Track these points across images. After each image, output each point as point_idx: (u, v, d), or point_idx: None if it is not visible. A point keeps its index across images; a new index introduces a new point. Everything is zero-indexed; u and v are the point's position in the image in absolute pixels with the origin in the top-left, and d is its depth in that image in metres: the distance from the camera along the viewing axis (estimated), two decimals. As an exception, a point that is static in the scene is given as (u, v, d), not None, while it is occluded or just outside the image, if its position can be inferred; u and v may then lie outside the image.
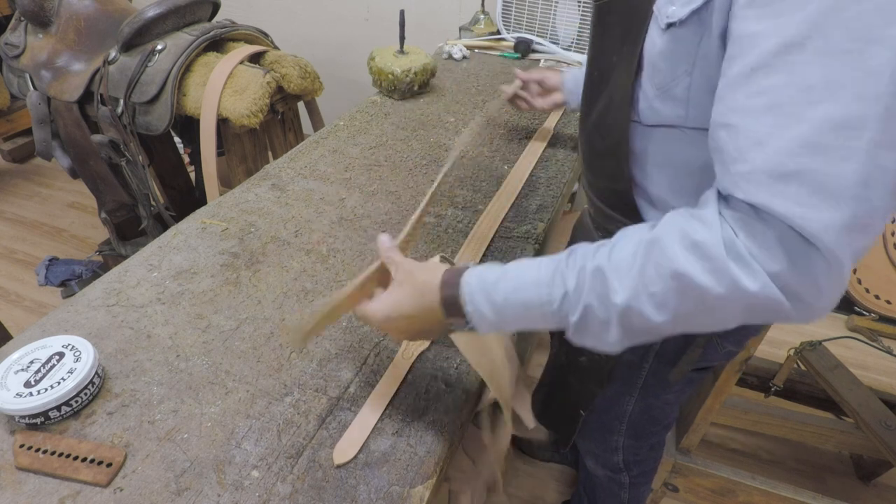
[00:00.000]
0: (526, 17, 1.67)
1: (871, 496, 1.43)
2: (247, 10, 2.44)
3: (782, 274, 0.39)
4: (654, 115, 0.55)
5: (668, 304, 0.42)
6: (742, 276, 0.39)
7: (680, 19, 0.47)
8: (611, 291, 0.44)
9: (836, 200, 0.36)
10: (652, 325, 0.44)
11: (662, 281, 0.42)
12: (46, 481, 0.56)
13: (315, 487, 0.56)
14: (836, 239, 0.37)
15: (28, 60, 1.46)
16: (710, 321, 0.44)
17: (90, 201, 2.26)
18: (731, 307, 0.41)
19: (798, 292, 0.39)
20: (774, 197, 0.38)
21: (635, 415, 0.83)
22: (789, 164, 0.37)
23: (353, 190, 1.03)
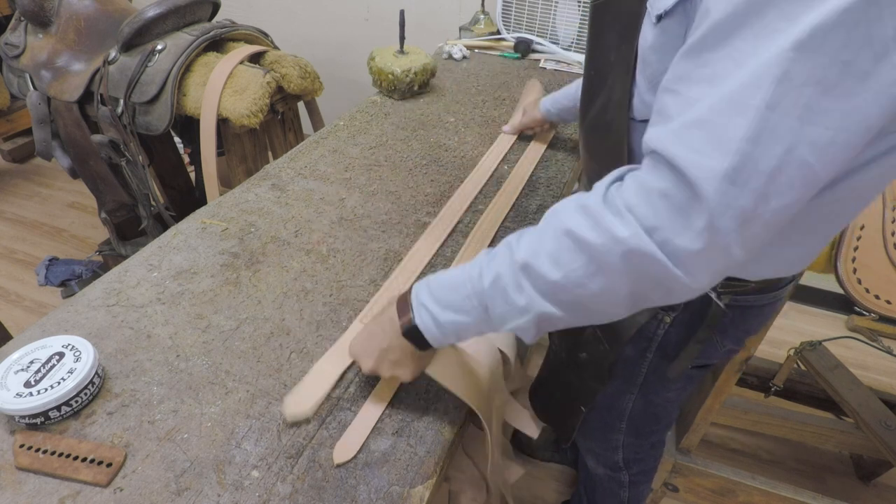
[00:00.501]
0: (526, 17, 1.67)
1: (871, 496, 1.43)
2: (247, 10, 2.44)
3: (660, 228, 0.41)
4: (646, 109, 0.55)
5: (561, 260, 0.46)
6: (615, 224, 0.42)
7: (666, 9, 0.48)
8: (514, 253, 0.49)
9: (723, 150, 0.38)
10: (550, 285, 0.47)
11: (556, 239, 0.46)
12: (46, 481, 0.56)
13: (315, 487, 0.56)
14: (716, 188, 0.38)
15: (28, 60, 1.46)
16: (599, 285, 0.45)
17: (90, 201, 2.26)
18: (615, 264, 0.43)
19: (677, 250, 0.41)
20: (678, 144, 0.40)
21: (636, 412, 0.83)
22: (700, 115, 0.40)
23: (353, 190, 1.03)
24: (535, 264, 0.47)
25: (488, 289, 0.51)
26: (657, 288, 0.44)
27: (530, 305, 0.49)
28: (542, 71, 1.58)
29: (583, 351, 0.82)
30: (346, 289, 0.81)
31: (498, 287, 0.50)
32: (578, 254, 0.45)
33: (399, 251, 0.88)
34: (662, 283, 0.43)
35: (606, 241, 0.43)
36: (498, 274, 0.50)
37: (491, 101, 1.39)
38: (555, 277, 0.46)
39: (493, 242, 0.91)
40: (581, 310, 0.48)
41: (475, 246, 0.90)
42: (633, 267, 0.43)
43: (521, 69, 1.59)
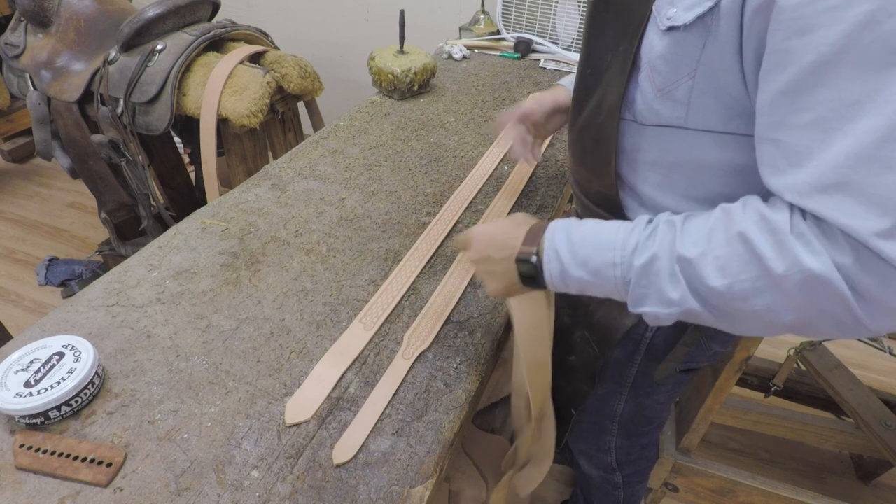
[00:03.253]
0: (526, 17, 1.67)
1: (871, 496, 1.43)
2: (247, 10, 2.44)
3: (848, 266, 0.38)
4: (654, 115, 0.54)
5: (730, 268, 0.43)
6: (805, 253, 0.40)
7: (684, 23, 0.47)
8: (678, 245, 0.46)
9: (882, 209, 0.36)
10: (708, 290, 0.44)
11: (728, 244, 0.43)
12: (46, 481, 0.56)
13: (315, 487, 0.56)
14: (882, 246, 0.36)
15: (28, 60, 1.46)
16: (764, 304, 0.43)
17: (90, 201, 2.26)
18: (790, 290, 0.41)
19: (864, 289, 0.38)
20: (822, 207, 0.39)
21: (627, 415, 0.83)
22: (833, 176, 0.38)
23: (353, 190, 1.03)
24: (699, 264, 0.45)
25: (638, 268, 0.48)
26: (828, 321, 0.42)
27: (681, 301, 0.46)
28: (542, 71, 1.58)
29: (572, 354, 0.81)
30: (346, 289, 0.81)
31: (650, 270, 0.48)
32: (750, 266, 0.42)
33: (399, 251, 0.88)
34: (836, 318, 0.41)
35: (791, 267, 0.40)
36: (654, 255, 0.47)
37: (491, 101, 1.39)
38: (716, 284, 0.44)
39: (493, 242, 0.91)
40: (731, 319, 0.46)
41: (475, 246, 0.89)
42: (810, 296, 0.41)
43: (521, 69, 1.59)
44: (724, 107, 0.49)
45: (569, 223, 0.55)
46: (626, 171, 0.61)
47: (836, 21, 0.36)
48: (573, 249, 0.53)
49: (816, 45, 0.37)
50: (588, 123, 0.63)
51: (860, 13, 0.35)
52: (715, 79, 0.47)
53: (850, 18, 0.36)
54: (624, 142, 0.59)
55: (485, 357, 0.72)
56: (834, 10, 0.36)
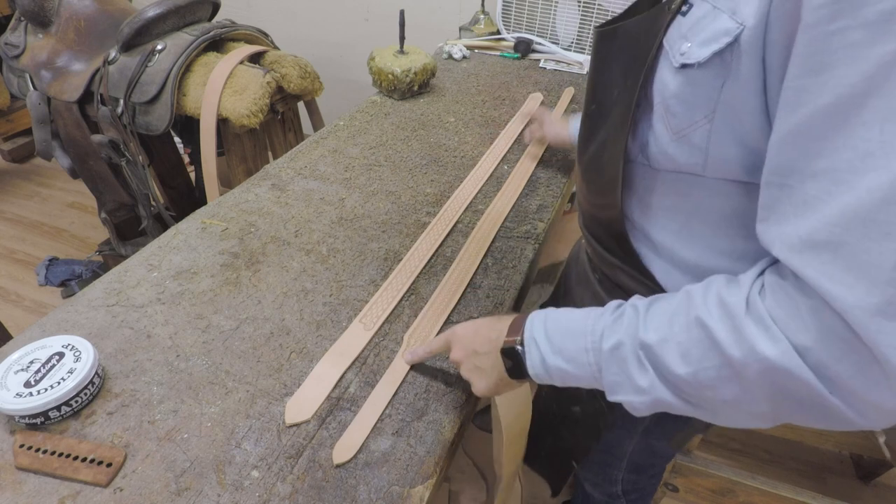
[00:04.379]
0: (526, 17, 1.67)
1: (871, 496, 1.43)
2: (247, 10, 2.44)
3: (813, 349, 0.34)
4: (668, 160, 0.49)
5: (691, 355, 0.40)
6: (760, 338, 0.36)
7: (699, 61, 0.42)
8: (641, 330, 0.44)
9: (870, 281, 0.32)
10: (675, 378, 0.42)
11: (688, 330, 0.41)
12: (46, 481, 0.56)
13: (315, 487, 0.56)
14: (867, 325, 0.32)
15: (28, 60, 1.46)
16: (732, 394, 0.40)
17: (90, 201, 2.26)
18: (753, 378, 0.38)
19: (837, 377, 0.34)
20: (807, 267, 0.34)
21: (636, 454, 0.78)
22: (826, 233, 0.34)
23: (353, 190, 1.03)
24: (661, 352, 0.42)
25: (606, 353, 0.46)
26: (812, 413, 0.37)
27: (650, 389, 0.44)
28: (542, 71, 1.58)
29: (577, 405, 0.77)
30: (346, 289, 0.81)
31: (618, 356, 0.45)
32: (711, 353, 0.39)
33: (399, 251, 0.88)
34: (818, 410, 0.37)
35: (745, 352, 0.37)
36: (620, 342, 0.45)
37: (491, 101, 1.39)
38: (681, 372, 0.41)
39: (494, 242, 0.91)
40: (711, 411, 0.43)
41: (476, 246, 0.90)
42: (776, 387, 0.37)
43: (521, 69, 1.59)
44: (747, 153, 0.43)
45: (546, 312, 0.54)
46: (638, 216, 0.56)
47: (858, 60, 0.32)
48: (549, 337, 0.51)
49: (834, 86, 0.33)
50: (593, 162, 0.59)
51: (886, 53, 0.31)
52: (737, 122, 0.42)
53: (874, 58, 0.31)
54: (636, 185, 0.54)
55: (485, 357, 0.72)
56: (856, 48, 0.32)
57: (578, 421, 0.78)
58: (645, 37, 0.48)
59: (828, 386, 0.35)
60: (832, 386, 0.35)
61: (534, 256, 0.90)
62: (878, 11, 0.30)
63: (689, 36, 0.43)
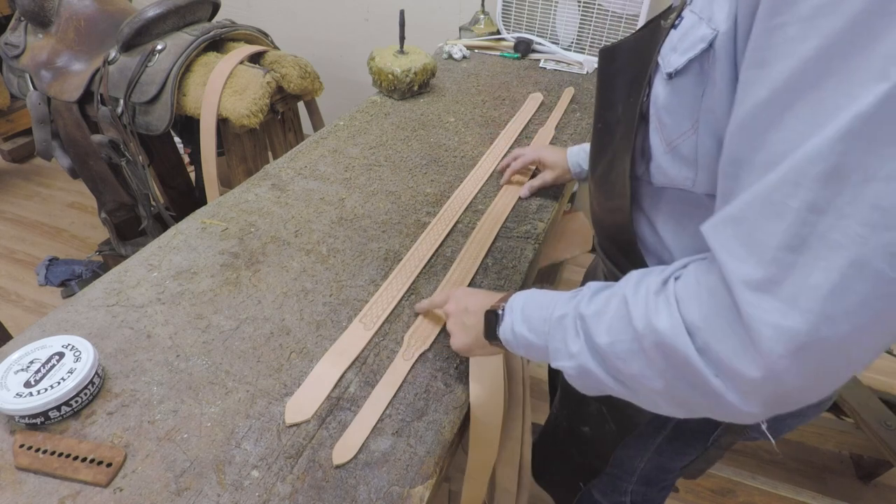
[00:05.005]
0: (526, 17, 1.67)
1: (871, 496, 1.43)
2: (247, 10, 2.44)
3: (702, 328, 0.36)
4: (663, 175, 0.50)
5: (613, 327, 0.44)
6: (659, 313, 0.39)
7: (676, 69, 0.43)
8: (583, 305, 0.48)
9: (758, 257, 0.33)
10: (596, 347, 0.45)
11: (616, 306, 0.44)
12: (46, 481, 0.56)
13: (315, 487, 0.56)
14: (749, 299, 0.33)
15: (28, 60, 1.46)
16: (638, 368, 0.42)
17: (90, 201, 2.26)
18: (649, 352, 0.40)
19: (719, 357, 0.35)
20: (714, 238, 0.36)
21: (647, 470, 0.77)
22: (736, 210, 0.35)
23: (353, 190, 1.03)
24: (592, 322, 0.45)
25: (554, 321, 0.50)
26: (698, 396, 0.38)
27: (579, 354, 0.47)
28: (542, 71, 1.58)
29: (586, 425, 0.76)
30: (346, 289, 0.81)
31: (561, 324, 0.49)
32: (626, 326, 0.42)
33: (399, 251, 0.88)
34: (703, 393, 0.37)
35: (645, 325, 0.40)
36: (565, 313, 0.49)
37: (491, 101, 1.39)
38: (601, 342, 0.44)
39: (495, 242, 0.91)
40: (627, 387, 0.45)
41: (478, 245, 0.89)
42: (667, 363, 0.39)
43: (521, 69, 1.59)
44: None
45: (534, 290, 0.58)
46: (648, 237, 0.57)
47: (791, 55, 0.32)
48: (524, 307, 0.55)
49: (772, 80, 0.33)
50: (603, 180, 0.59)
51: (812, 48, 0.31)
52: (719, 130, 0.42)
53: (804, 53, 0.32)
54: (643, 203, 0.55)
55: (485, 357, 0.72)
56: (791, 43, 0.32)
57: (588, 442, 0.78)
58: (643, 52, 0.49)
59: (711, 368, 0.36)
60: (716, 367, 0.36)
61: (534, 256, 0.90)
62: (811, 6, 0.31)
63: (677, 47, 0.45)
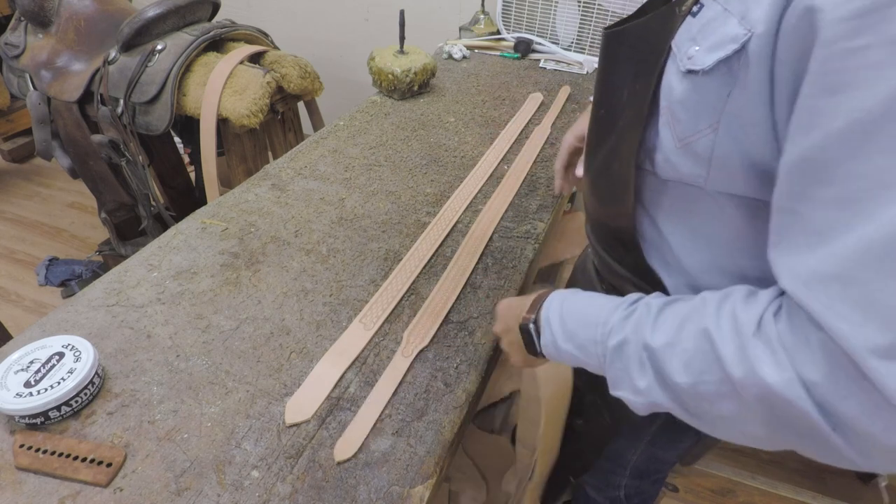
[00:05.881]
0: (526, 17, 1.67)
1: (871, 496, 1.43)
2: (247, 10, 2.44)
3: (821, 384, 0.32)
4: (672, 169, 0.47)
5: (693, 366, 0.39)
6: (764, 362, 0.34)
7: (703, 68, 0.40)
8: (647, 331, 0.43)
9: (881, 321, 0.30)
10: (674, 386, 0.41)
11: (695, 339, 0.39)
12: (46, 481, 0.56)
13: (315, 487, 0.56)
14: (877, 367, 0.30)
15: (28, 60, 1.46)
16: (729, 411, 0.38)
17: (90, 201, 2.26)
18: (751, 401, 0.36)
19: (843, 417, 0.32)
20: (815, 301, 0.32)
21: (640, 462, 0.77)
22: (837, 267, 0.32)
23: (353, 190, 1.03)
24: (663, 357, 0.41)
25: (611, 349, 0.45)
26: (810, 444, 0.35)
27: (648, 391, 0.43)
28: (542, 71, 1.58)
29: (580, 418, 0.75)
30: (346, 289, 0.81)
31: (621, 354, 0.45)
32: (713, 367, 0.37)
33: (399, 251, 0.88)
34: (818, 444, 0.35)
35: (746, 374, 0.35)
36: (625, 339, 0.44)
37: (491, 101, 1.39)
38: (680, 381, 0.40)
39: (493, 242, 0.91)
40: (709, 423, 0.41)
41: (474, 244, 0.89)
42: (774, 414, 0.35)
43: (521, 69, 1.59)
44: (751, 167, 0.41)
45: (565, 293, 0.53)
46: (647, 227, 0.55)
47: (878, 81, 0.29)
48: (563, 322, 0.51)
49: (850, 108, 0.30)
50: (602, 170, 0.57)
51: None
52: (742, 134, 0.40)
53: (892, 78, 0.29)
54: (644, 195, 0.53)
55: (485, 357, 0.72)
56: (877, 68, 0.29)
57: (581, 435, 0.76)
58: (654, 38, 0.46)
59: (830, 423, 0.33)
60: (836, 423, 0.33)
61: (534, 256, 0.90)
62: None
63: (697, 38, 0.42)
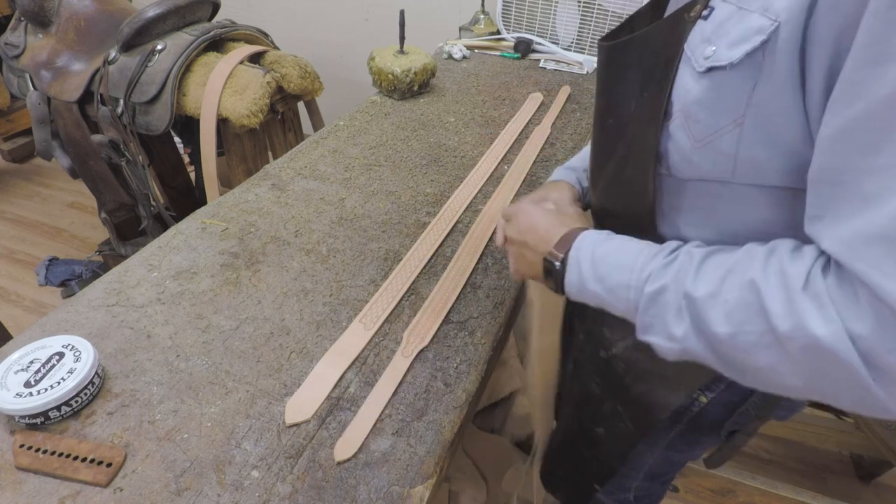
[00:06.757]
0: (526, 17, 1.67)
1: (871, 496, 1.43)
2: (247, 10, 2.44)
3: (868, 337, 0.34)
4: (693, 168, 0.47)
5: (736, 316, 0.40)
6: (813, 316, 0.36)
7: (731, 62, 0.40)
8: (689, 281, 0.43)
9: None
10: (712, 336, 0.41)
11: (740, 290, 0.40)
12: (46, 481, 0.56)
13: (315, 487, 0.56)
14: None
15: (28, 60, 1.46)
16: (767, 362, 0.39)
17: (90, 201, 2.26)
18: (795, 354, 0.37)
19: (886, 367, 0.34)
20: (859, 260, 0.34)
21: (654, 465, 0.77)
22: (884, 226, 0.33)
23: (353, 190, 1.03)
24: (705, 307, 0.41)
25: (648, 295, 0.46)
26: (844, 395, 0.37)
27: (683, 339, 0.43)
28: (542, 71, 1.58)
29: (599, 426, 0.74)
30: (346, 289, 0.81)
31: (658, 301, 0.45)
32: (757, 319, 0.38)
33: (399, 251, 0.88)
34: (852, 393, 0.36)
35: (795, 330, 0.36)
36: (664, 286, 0.45)
37: (491, 101, 1.39)
38: (721, 331, 0.40)
39: (492, 241, 0.91)
40: (738, 372, 0.42)
41: (474, 244, 0.90)
42: (817, 365, 0.37)
43: (521, 69, 1.59)
44: (780, 156, 0.42)
45: (598, 236, 0.53)
46: (666, 230, 0.54)
47: None
48: (595, 264, 0.51)
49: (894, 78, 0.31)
50: (614, 180, 0.56)
51: None
52: (770, 125, 0.41)
53: None
54: (661, 200, 0.53)
55: (485, 357, 0.72)
56: None
57: (601, 442, 0.76)
58: (663, 46, 0.46)
59: (874, 374, 0.34)
60: (879, 375, 0.34)
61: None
62: None
63: (712, 39, 0.42)
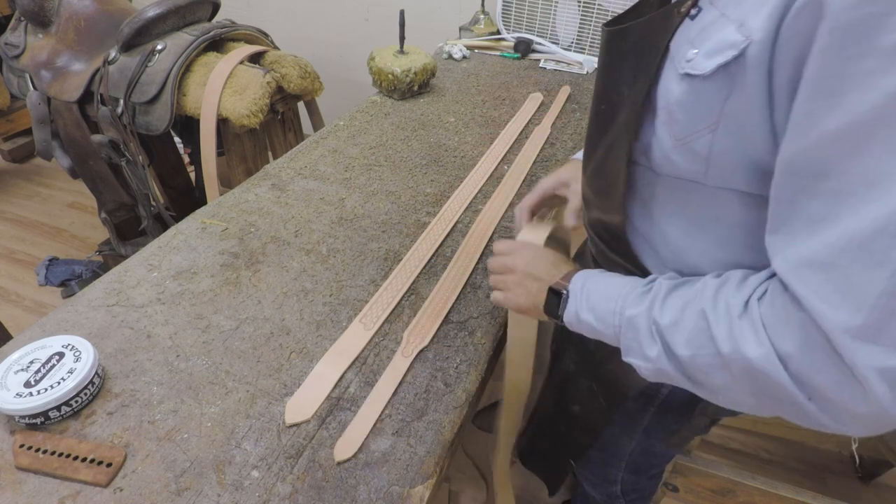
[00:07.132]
0: (526, 17, 1.67)
1: (871, 496, 1.43)
2: (247, 10, 2.44)
3: (795, 357, 0.37)
4: (671, 166, 0.49)
5: (693, 342, 0.44)
6: (747, 340, 0.40)
7: (703, 73, 0.42)
8: (656, 311, 0.48)
9: (856, 305, 0.34)
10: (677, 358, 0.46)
11: (694, 318, 0.44)
12: (46, 481, 0.56)
13: (315, 487, 0.56)
14: (848, 345, 0.34)
15: (28, 60, 1.46)
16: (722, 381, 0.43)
17: (90, 201, 2.26)
18: (738, 374, 0.41)
19: (815, 386, 0.37)
20: (800, 283, 0.36)
21: (636, 455, 0.79)
22: (824, 254, 0.35)
23: (353, 190, 1.03)
24: (669, 333, 0.46)
25: (626, 320, 0.50)
26: (790, 411, 0.40)
27: (657, 360, 0.48)
28: (542, 71, 1.58)
29: (576, 404, 0.78)
30: (346, 289, 0.81)
31: (634, 325, 0.49)
32: (708, 343, 0.43)
33: (399, 251, 0.88)
34: (796, 411, 0.39)
35: (732, 350, 0.41)
36: (639, 314, 0.49)
37: (491, 101, 1.39)
38: (683, 353, 0.45)
39: (492, 241, 0.91)
40: (709, 391, 0.46)
41: (474, 244, 0.89)
42: (757, 385, 0.40)
43: (521, 69, 1.59)
44: (750, 164, 0.43)
45: (589, 273, 0.58)
46: (641, 221, 0.57)
47: (869, 88, 0.32)
48: (587, 294, 0.56)
49: (844, 112, 0.33)
50: (602, 163, 0.58)
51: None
52: (741, 134, 0.42)
53: (886, 88, 0.31)
54: (639, 188, 0.54)
55: (485, 357, 0.72)
56: (868, 76, 0.32)
57: (577, 419, 0.78)
58: (654, 37, 0.47)
59: (805, 392, 0.38)
60: (810, 393, 0.37)
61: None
62: (893, 41, 0.31)
63: (695, 42, 0.43)
